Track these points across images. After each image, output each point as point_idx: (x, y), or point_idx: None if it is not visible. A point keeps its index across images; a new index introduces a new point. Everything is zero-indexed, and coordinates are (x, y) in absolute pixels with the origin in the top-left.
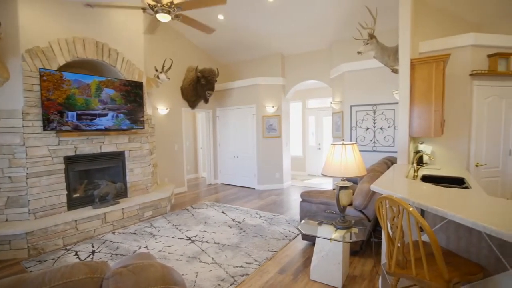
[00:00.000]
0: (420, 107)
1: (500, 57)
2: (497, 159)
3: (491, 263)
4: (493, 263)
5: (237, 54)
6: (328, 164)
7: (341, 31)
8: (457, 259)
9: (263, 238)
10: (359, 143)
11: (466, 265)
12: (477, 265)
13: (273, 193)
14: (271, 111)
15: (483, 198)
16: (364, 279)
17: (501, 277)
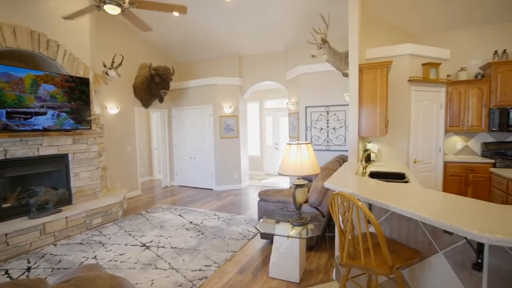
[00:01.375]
0: (368, 109)
1: (431, 66)
2: (430, 156)
3: (426, 247)
4: (427, 247)
5: (194, 53)
6: (285, 163)
7: (297, 34)
8: (399, 246)
9: (222, 239)
10: (313, 143)
11: (406, 251)
12: (415, 250)
13: (232, 193)
14: (229, 111)
15: (420, 190)
16: (320, 272)
17: (433, 259)
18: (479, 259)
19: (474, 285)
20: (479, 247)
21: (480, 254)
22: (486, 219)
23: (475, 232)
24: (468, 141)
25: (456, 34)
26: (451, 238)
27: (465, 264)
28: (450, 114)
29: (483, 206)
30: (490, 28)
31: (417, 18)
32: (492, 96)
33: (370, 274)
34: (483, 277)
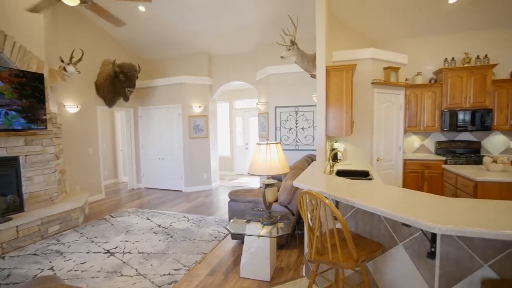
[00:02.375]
0: (334, 110)
1: (392, 70)
2: (391, 154)
3: (387, 240)
4: (388, 240)
5: (162, 51)
6: (254, 163)
7: (266, 35)
8: (363, 240)
9: (192, 241)
10: (283, 143)
11: (370, 244)
12: (378, 244)
13: (202, 194)
14: (198, 111)
15: (382, 187)
16: (290, 269)
17: (394, 250)
18: (433, 248)
19: (428, 272)
20: (432, 237)
21: (434, 244)
22: (438, 211)
23: (429, 223)
24: (424, 140)
25: (412, 41)
26: (409, 230)
27: (421, 253)
28: (408, 115)
29: (436, 200)
30: (442, 38)
31: (379, 24)
32: (444, 99)
33: (338, 268)
34: (436, 264)
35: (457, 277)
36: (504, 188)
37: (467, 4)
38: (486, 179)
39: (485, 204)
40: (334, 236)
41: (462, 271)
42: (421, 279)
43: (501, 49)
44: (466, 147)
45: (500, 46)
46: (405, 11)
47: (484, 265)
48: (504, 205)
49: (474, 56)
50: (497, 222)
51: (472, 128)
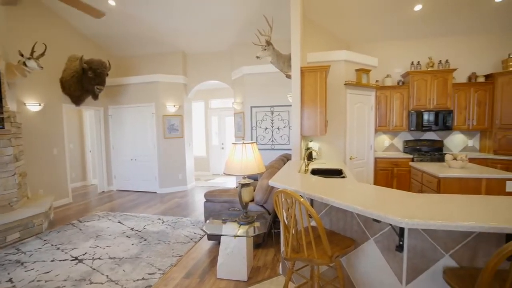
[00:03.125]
0: (309, 110)
1: (363, 72)
2: (363, 153)
3: (359, 236)
4: (360, 236)
5: (134, 48)
6: (230, 163)
7: (242, 34)
8: (337, 237)
9: (167, 244)
10: (259, 142)
11: (343, 240)
12: (351, 239)
13: (177, 195)
14: (173, 110)
15: (354, 185)
16: (267, 268)
17: (366, 245)
18: (401, 242)
19: (397, 264)
20: (400, 231)
21: (402, 237)
22: (406, 206)
23: (397, 218)
24: (393, 139)
25: (382, 45)
26: (379, 226)
27: (390, 247)
28: (379, 116)
29: (403, 196)
30: (409, 42)
31: (351, 28)
32: (410, 100)
33: (313, 265)
34: (403, 256)
35: (423, 268)
36: (463, 183)
37: (430, 12)
38: (447, 175)
39: (447, 198)
40: (309, 234)
41: (427, 262)
42: (390, 271)
43: (460, 55)
44: (431, 145)
45: (459, 52)
46: (375, 16)
47: (445, 255)
48: (463, 199)
49: (437, 60)
50: (457, 215)
51: (436, 128)
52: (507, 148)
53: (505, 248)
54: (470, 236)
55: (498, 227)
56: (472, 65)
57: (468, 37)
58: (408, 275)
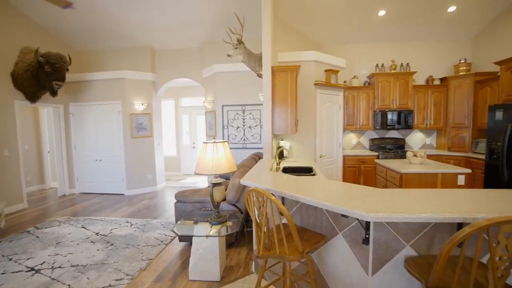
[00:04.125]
0: (280, 109)
1: (332, 73)
2: (333, 151)
3: (329, 231)
4: (330, 231)
5: (98, 41)
6: (201, 162)
7: (213, 32)
8: (308, 233)
9: (136, 247)
10: (231, 141)
11: (314, 236)
12: (321, 235)
13: (146, 197)
14: (141, 109)
15: (324, 182)
16: (240, 267)
17: (335, 240)
18: (367, 235)
19: (363, 256)
20: (367, 225)
21: (368, 231)
22: (371, 201)
23: (364, 213)
24: (360, 137)
25: (350, 47)
26: (347, 220)
27: (358, 240)
28: (346, 115)
29: (369, 191)
30: (374, 45)
31: (321, 29)
32: (376, 100)
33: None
34: (370, 248)
35: (386, 258)
36: (422, 178)
37: (393, 18)
38: (408, 171)
39: (408, 192)
40: (281, 231)
41: (390, 252)
42: (357, 263)
43: (419, 59)
44: (394, 143)
45: (418, 56)
46: (343, 19)
47: (406, 245)
48: (421, 193)
49: (399, 63)
50: (416, 207)
51: (398, 126)
52: (458, 145)
53: (456, 236)
54: (427, 226)
55: (451, 217)
56: (429, 69)
57: (425, 42)
58: (374, 266)
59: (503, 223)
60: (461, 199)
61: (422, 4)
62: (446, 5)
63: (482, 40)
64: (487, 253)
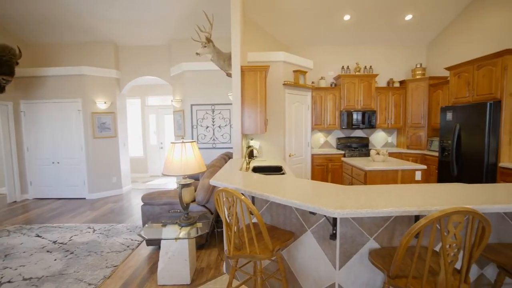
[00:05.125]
0: (249, 108)
1: (300, 73)
2: (301, 150)
3: (298, 228)
4: (299, 228)
5: (54, 34)
6: (169, 163)
7: (181, 29)
8: (278, 231)
9: (99, 254)
10: (200, 141)
11: (284, 234)
12: (291, 233)
13: (110, 200)
14: (103, 107)
15: (293, 180)
16: (211, 268)
17: (304, 237)
18: (334, 231)
19: (331, 251)
20: (334, 221)
21: (335, 227)
22: (338, 198)
23: (331, 210)
24: (328, 136)
25: (317, 48)
26: (316, 218)
27: (325, 236)
28: (314, 115)
29: (336, 189)
30: (340, 48)
31: (290, 31)
32: (342, 101)
33: (255, 260)
34: (337, 243)
35: (352, 252)
36: (384, 175)
37: (357, 22)
38: (372, 168)
39: (371, 189)
40: (251, 231)
41: (356, 246)
42: (325, 258)
43: (381, 62)
44: (359, 142)
45: (380, 59)
46: (311, 22)
47: (370, 239)
48: (384, 189)
49: (363, 66)
50: (379, 203)
51: (363, 126)
52: (416, 144)
53: (413, 227)
54: (389, 220)
55: (409, 210)
56: (390, 72)
57: (386, 47)
58: (341, 260)
59: (452, 214)
60: (418, 194)
61: (382, 11)
62: (404, 13)
63: (435, 46)
64: (439, 242)
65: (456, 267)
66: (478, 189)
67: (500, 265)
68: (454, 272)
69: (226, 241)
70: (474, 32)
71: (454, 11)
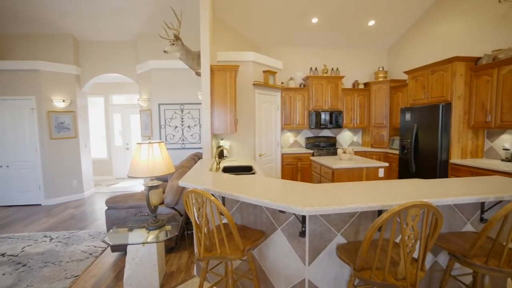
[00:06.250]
0: (219, 108)
1: (270, 74)
2: (271, 149)
3: (269, 227)
4: (269, 227)
5: (3, 25)
6: (135, 164)
7: (148, 25)
8: (249, 231)
9: (57, 265)
10: (169, 141)
11: (254, 233)
12: (261, 232)
13: (70, 205)
14: (62, 106)
15: (263, 180)
16: (181, 272)
17: (274, 235)
18: (303, 228)
19: (301, 248)
20: (303, 219)
21: (304, 224)
22: (306, 196)
23: (299, 208)
24: (297, 136)
25: (287, 49)
26: (285, 216)
27: (295, 234)
28: (284, 115)
29: (305, 187)
30: (309, 49)
31: (260, 31)
32: (310, 101)
33: (226, 261)
34: (306, 240)
35: (321, 248)
36: (350, 172)
37: (324, 25)
38: (339, 167)
39: (338, 186)
40: (221, 231)
41: (324, 242)
42: (295, 255)
43: (347, 65)
44: (327, 141)
45: (346, 62)
46: (281, 23)
47: (337, 234)
48: (350, 186)
49: (330, 68)
50: (345, 199)
51: (331, 126)
52: (379, 142)
53: (375, 222)
54: (354, 215)
55: (373, 206)
56: (355, 74)
57: (352, 50)
58: (310, 256)
59: (410, 207)
60: (381, 189)
61: (348, 17)
62: (367, 19)
63: (396, 51)
64: (399, 234)
65: (414, 256)
66: (432, 184)
67: (451, 252)
68: (412, 261)
69: (196, 243)
70: (428, 39)
71: (410, 19)
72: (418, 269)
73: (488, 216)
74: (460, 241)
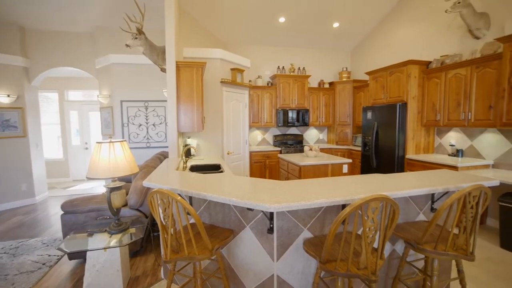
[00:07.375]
0: (186, 106)
1: (238, 72)
2: (240, 147)
3: (237, 225)
4: (238, 225)
5: None
6: (94, 165)
7: (108, 17)
8: (217, 230)
9: (3, 279)
10: (132, 140)
11: (223, 232)
12: (230, 230)
13: (19, 212)
14: (6, 102)
15: (231, 178)
16: (147, 275)
17: (243, 233)
18: (271, 225)
19: (269, 245)
20: (270, 215)
21: (272, 221)
22: (274, 193)
23: (267, 205)
24: (265, 134)
25: (254, 48)
26: (253, 213)
27: (263, 231)
28: (252, 113)
29: (273, 184)
30: (276, 48)
31: (227, 28)
32: (278, 100)
33: (194, 261)
34: (274, 237)
35: (289, 243)
36: (316, 169)
37: (291, 25)
38: (305, 163)
39: (305, 183)
40: (189, 232)
41: (292, 237)
42: (264, 252)
43: (313, 64)
44: (294, 139)
45: (312, 62)
46: (249, 21)
47: (304, 229)
48: (316, 182)
49: (297, 67)
50: (311, 195)
51: (297, 124)
52: (343, 140)
53: (339, 216)
54: (320, 210)
55: (337, 200)
56: (321, 74)
57: (317, 50)
58: (278, 252)
59: (371, 201)
60: (344, 185)
61: (313, 18)
62: (332, 21)
63: (358, 52)
64: (361, 226)
65: (374, 246)
66: (391, 178)
67: (406, 241)
68: (373, 251)
69: (163, 244)
70: (388, 42)
71: (372, 23)
72: (378, 258)
73: (438, 206)
74: (414, 229)
